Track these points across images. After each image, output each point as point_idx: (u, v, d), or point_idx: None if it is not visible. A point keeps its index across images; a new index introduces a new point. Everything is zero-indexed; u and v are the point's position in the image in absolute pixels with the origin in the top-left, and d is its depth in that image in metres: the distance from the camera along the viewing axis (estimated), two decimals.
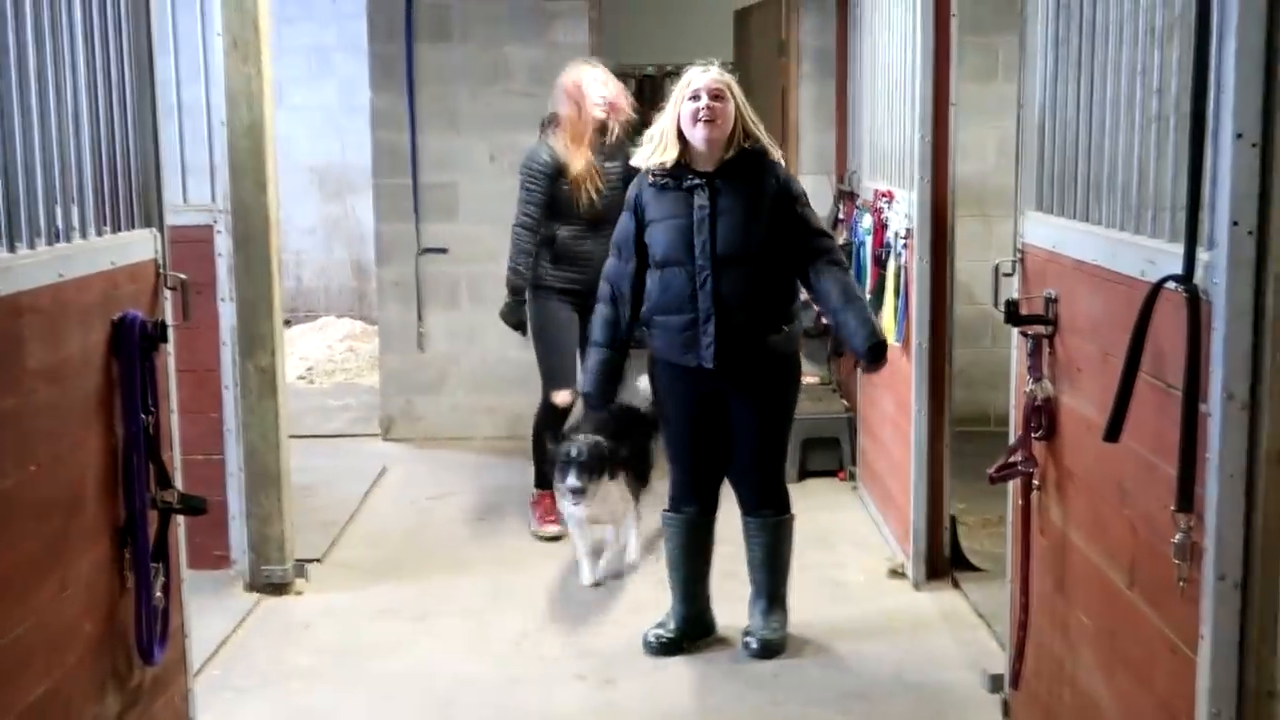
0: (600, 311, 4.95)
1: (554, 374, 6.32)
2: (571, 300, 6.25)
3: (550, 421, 6.24)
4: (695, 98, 4.64)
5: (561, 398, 6.25)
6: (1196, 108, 2.71)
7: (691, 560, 4.99)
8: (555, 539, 6.20)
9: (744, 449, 4.88)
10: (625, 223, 4.91)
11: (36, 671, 3.21)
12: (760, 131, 4.76)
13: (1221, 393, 2.67)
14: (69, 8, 3.47)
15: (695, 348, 4.71)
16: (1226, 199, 2.62)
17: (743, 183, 4.69)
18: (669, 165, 4.70)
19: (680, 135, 4.68)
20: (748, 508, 4.95)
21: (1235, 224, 2.61)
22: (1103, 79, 3.37)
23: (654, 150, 4.73)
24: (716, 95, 4.63)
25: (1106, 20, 3.34)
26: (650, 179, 4.78)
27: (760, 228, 4.68)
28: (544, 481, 6.23)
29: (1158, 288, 2.86)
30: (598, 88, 6.22)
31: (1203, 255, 2.73)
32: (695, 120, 4.62)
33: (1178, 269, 2.78)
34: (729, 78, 4.72)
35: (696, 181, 4.68)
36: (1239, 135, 2.59)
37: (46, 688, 3.25)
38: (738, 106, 4.69)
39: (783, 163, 4.85)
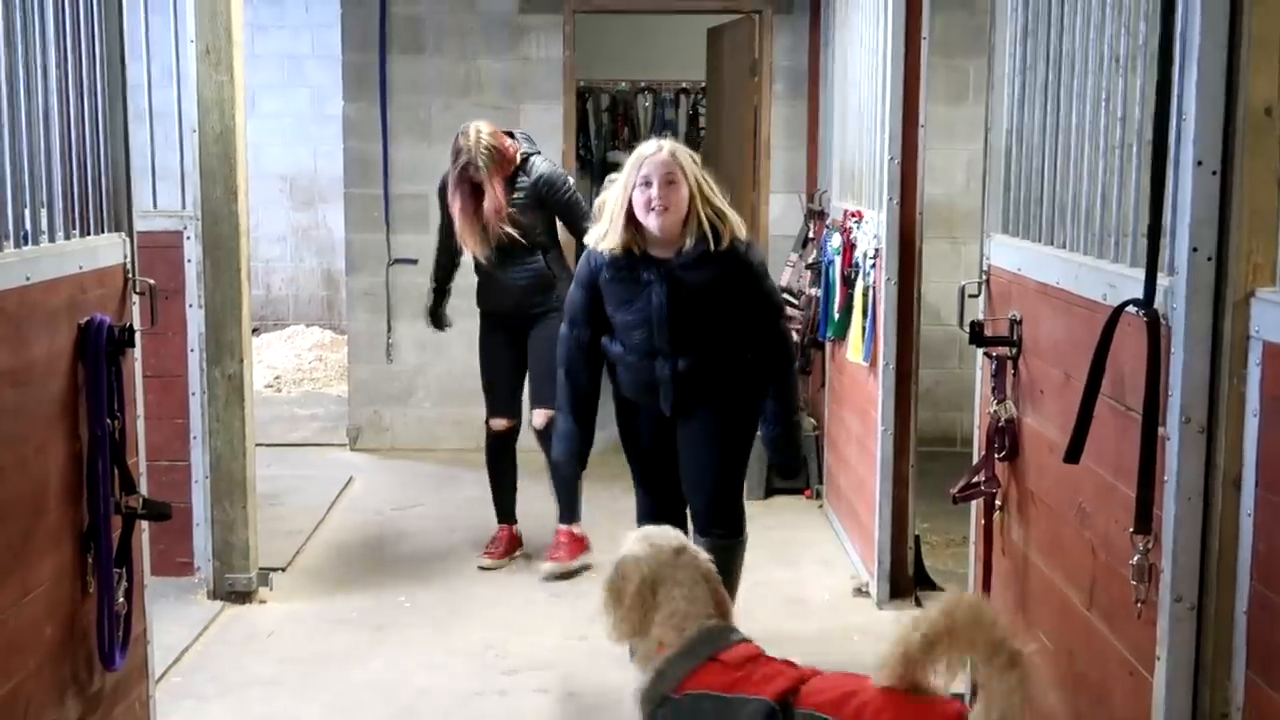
0: (560, 379, 4.79)
1: (488, 401, 6.26)
2: (492, 322, 6.19)
3: (495, 447, 6.23)
4: (646, 183, 4.39)
5: (495, 424, 6.18)
6: (1158, 135, 2.75)
7: None
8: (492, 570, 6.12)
9: (698, 465, 4.71)
10: (578, 297, 4.68)
11: None
12: (720, 204, 4.48)
13: (1180, 416, 2.70)
14: (40, 10, 3.47)
15: (654, 399, 4.63)
16: (1187, 225, 2.66)
17: (704, 268, 4.44)
18: (619, 253, 4.46)
19: (632, 217, 4.43)
20: (700, 526, 4.73)
21: (1195, 250, 2.65)
22: (1068, 105, 3.42)
23: (605, 234, 4.48)
24: (669, 180, 4.37)
25: (1072, 48, 3.39)
26: (606, 271, 4.54)
27: (722, 315, 4.51)
28: (500, 513, 6.27)
29: (1119, 311, 2.89)
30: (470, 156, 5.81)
31: (1163, 281, 2.77)
32: (648, 209, 4.38)
33: (1139, 294, 2.82)
34: (683, 156, 4.44)
35: (651, 276, 4.46)
36: (1199, 163, 2.63)
37: (6, 690, 3.23)
38: (694, 187, 4.42)
39: (742, 234, 4.51)
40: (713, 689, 3.03)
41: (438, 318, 6.51)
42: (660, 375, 4.55)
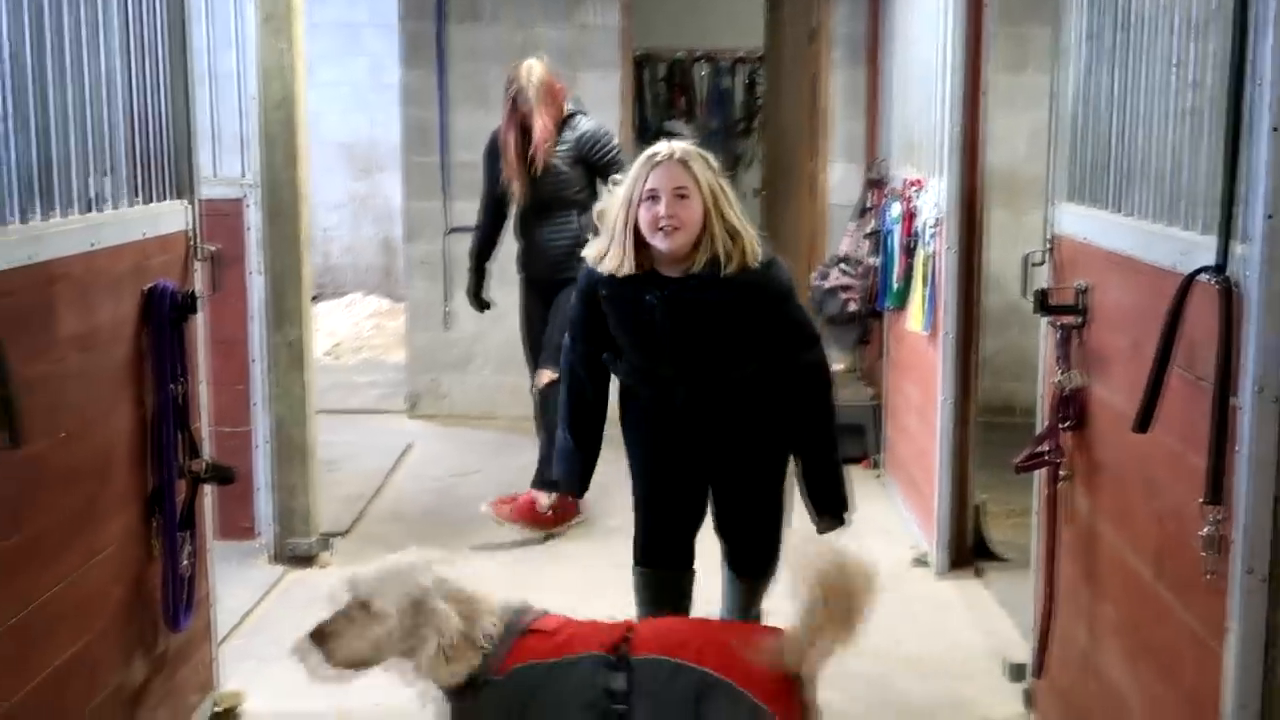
0: (561, 394, 4.30)
1: (531, 361, 6.40)
2: (529, 286, 6.38)
3: (542, 408, 6.13)
4: (653, 197, 3.79)
5: (542, 377, 6.12)
6: (1233, 101, 2.69)
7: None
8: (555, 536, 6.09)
9: (734, 511, 4.17)
10: (577, 311, 4.13)
11: (64, 636, 3.24)
12: (736, 220, 3.86)
13: (1253, 385, 2.64)
14: None
15: (665, 420, 4.09)
16: (1262, 192, 2.60)
17: (715, 290, 3.84)
18: (622, 276, 3.90)
19: (638, 234, 3.84)
20: (738, 567, 4.23)
21: (1270, 217, 2.59)
22: (1138, 70, 3.35)
23: (606, 252, 3.91)
24: (680, 193, 3.78)
25: (1143, 12, 3.32)
26: (603, 287, 3.97)
27: (738, 340, 3.94)
28: (539, 479, 6.08)
29: (1191, 279, 2.84)
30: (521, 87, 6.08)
31: (1237, 248, 2.71)
32: (655, 228, 3.79)
33: (1211, 261, 2.76)
34: (697, 164, 3.84)
35: (655, 298, 3.87)
36: (1275, 128, 2.56)
37: (73, 652, 3.28)
38: (708, 200, 3.82)
39: (756, 255, 3.87)
40: (538, 657, 3.05)
41: (479, 298, 6.62)
42: (668, 402, 4.04)
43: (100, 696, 3.45)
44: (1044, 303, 3.82)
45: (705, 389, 3.98)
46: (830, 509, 3.99)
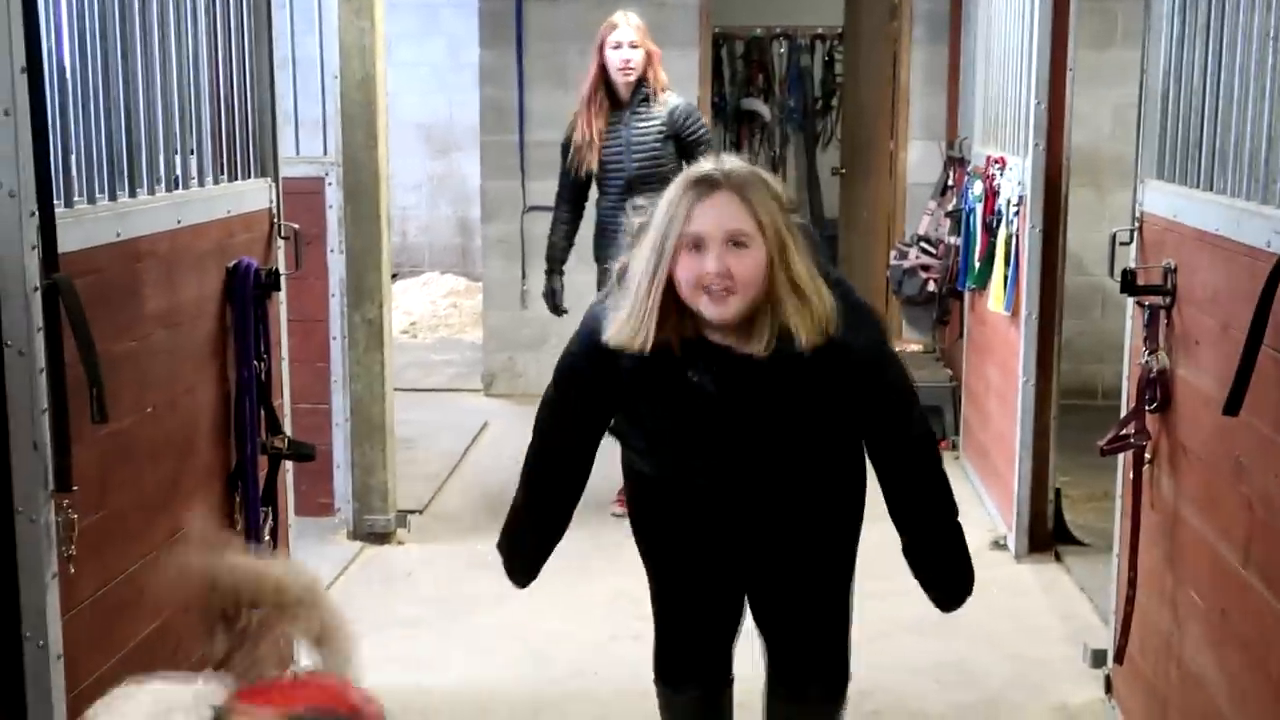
0: (515, 500, 3.32)
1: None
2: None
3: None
4: (697, 245, 2.68)
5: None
6: None
7: None
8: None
9: (787, 613, 3.22)
10: (562, 394, 3.07)
11: (149, 609, 3.28)
12: (805, 276, 2.75)
13: None
14: None
15: (701, 527, 3.15)
16: None
17: (786, 372, 2.80)
18: (648, 352, 2.76)
19: (672, 296, 2.73)
20: (789, 683, 3.28)
21: None
22: (1232, 45, 3.28)
23: (629, 324, 2.75)
24: (736, 240, 2.68)
25: None
26: (627, 359, 2.79)
27: (813, 430, 2.97)
28: None
29: None
30: (614, 44, 5.85)
31: None
32: (700, 289, 2.68)
33: None
34: (759, 195, 2.72)
35: (703, 380, 2.81)
36: None
37: (157, 625, 3.32)
38: (773, 249, 2.71)
39: (833, 319, 2.78)
40: None
41: (557, 303, 6.28)
42: (707, 500, 3.07)
43: (186, 670, 3.48)
44: (1130, 283, 3.76)
45: (762, 486, 3.02)
46: (955, 592, 3.16)
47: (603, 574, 5.36)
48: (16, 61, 2.59)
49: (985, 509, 6.14)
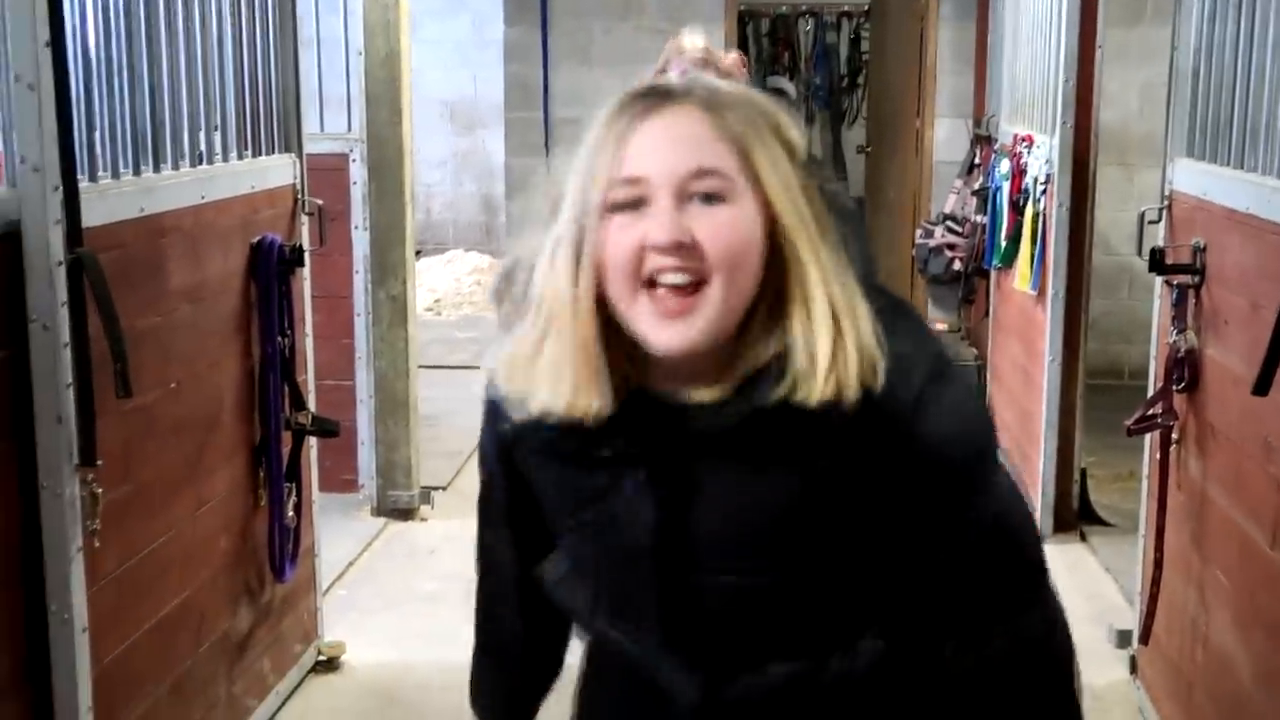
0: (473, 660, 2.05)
1: None
2: None
3: None
4: (634, 202, 1.46)
5: None
6: None
7: None
8: None
9: None
10: (486, 492, 1.90)
11: (173, 583, 3.30)
12: (837, 276, 1.47)
13: None
14: None
15: None
16: None
17: (786, 446, 1.48)
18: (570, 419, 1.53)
19: (603, 314, 1.49)
20: None
21: None
22: (1264, 21, 3.24)
23: (530, 366, 1.56)
24: (706, 191, 1.44)
25: None
26: (528, 436, 1.65)
27: (838, 579, 1.56)
28: None
29: None
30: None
31: None
32: (639, 285, 1.45)
33: None
34: (742, 109, 1.49)
35: (636, 485, 1.55)
36: None
37: (182, 599, 3.34)
38: (785, 214, 1.46)
39: (878, 367, 1.45)
40: None
41: None
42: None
43: (207, 643, 3.51)
44: (1159, 262, 3.74)
45: (751, 692, 1.64)
46: None
47: None
48: (40, 36, 2.59)
49: None
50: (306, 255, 4.01)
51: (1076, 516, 5.57)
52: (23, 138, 2.61)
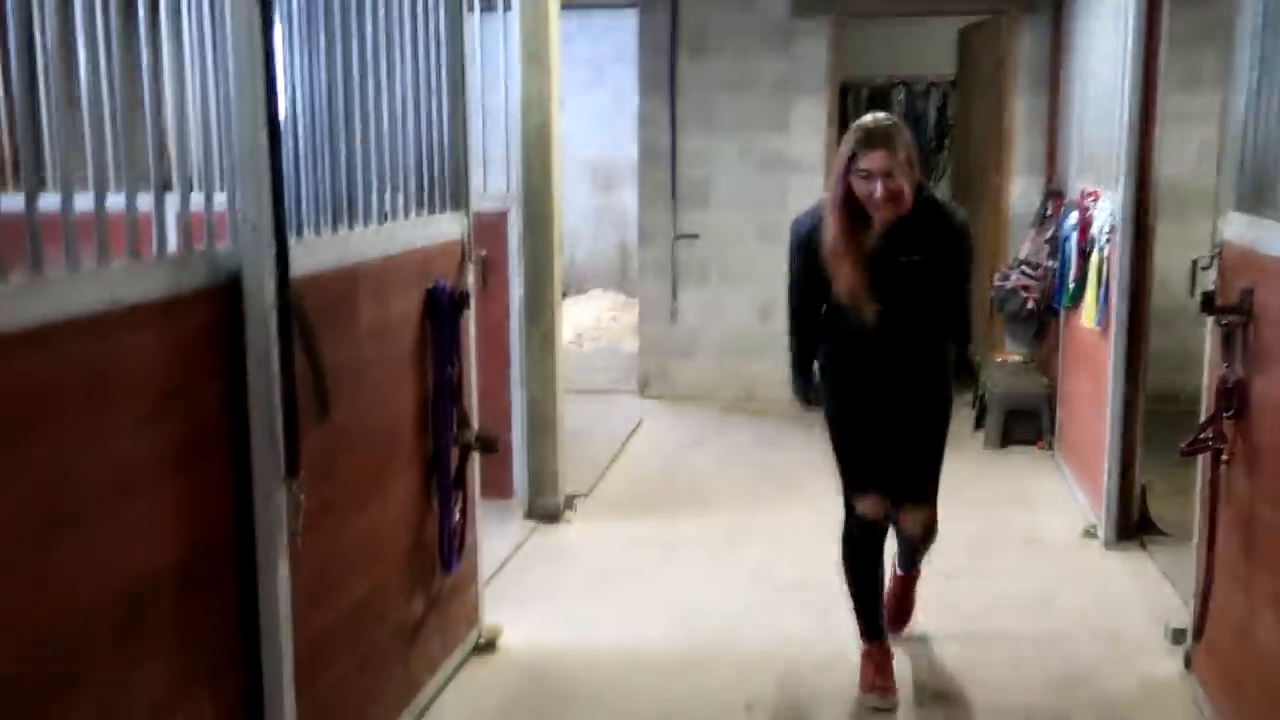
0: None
1: (848, 477, 4.08)
2: (865, 393, 4.01)
3: (858, 542, 4.08)
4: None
5: (863, 505, 4.03)
6: None
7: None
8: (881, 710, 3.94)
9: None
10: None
11: (362, 571, 3.39)
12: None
13: None
14: (399, 31, 3.61)
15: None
16: None
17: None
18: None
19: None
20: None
21: None
22: None
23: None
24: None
25: None
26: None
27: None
28: (869, 628, 4.10)
29: None
30: (869, 161, 3.64)
31: None
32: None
33: None
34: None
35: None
36: None
37: (369, 585, 3.43)
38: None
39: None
40: None
41: (806, 388, 4.14)
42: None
43: (389, 625, 3.59)
44: (1210, 303, 3.67)
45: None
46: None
47: (744, 551, 5.38)
48: (260, 123, 2.70)
49: (1078, 502, 6.00)
50: (472, 299, 4.09)
51: (1137, 527, 5.45)
52: (245, 203, 2.73)
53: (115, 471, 2.35)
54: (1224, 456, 3.70)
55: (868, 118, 3.70)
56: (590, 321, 11.13)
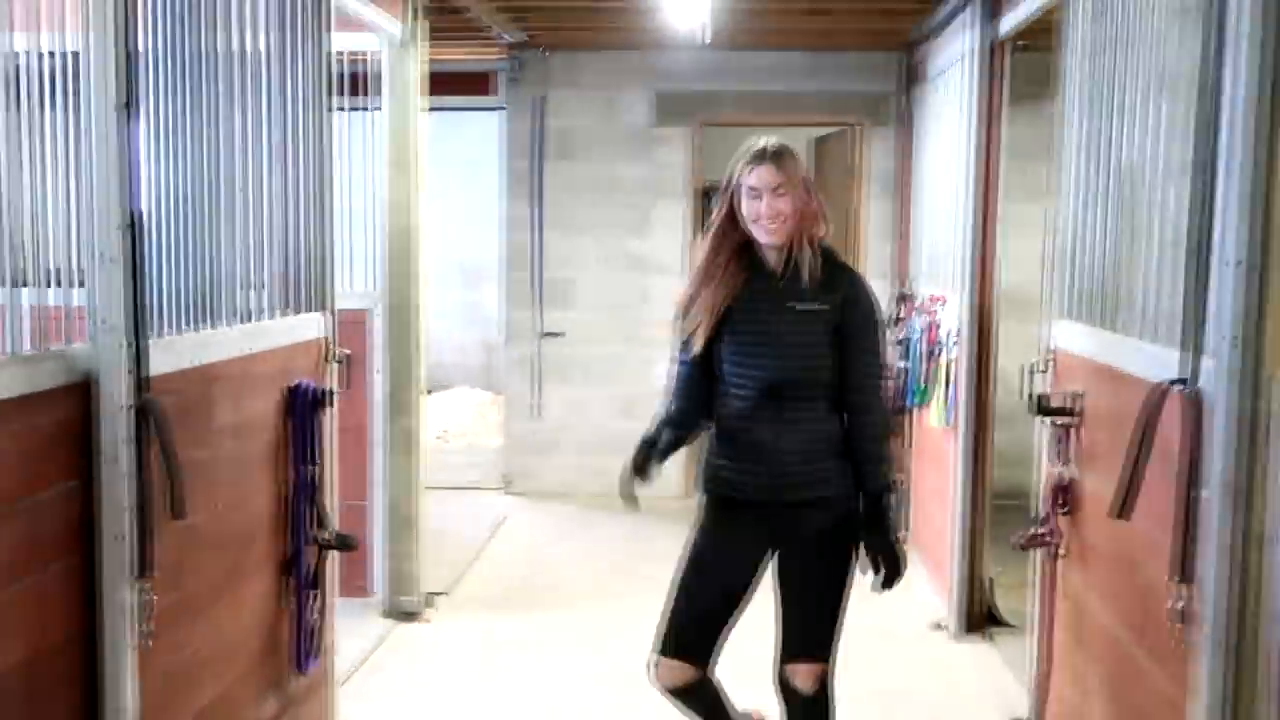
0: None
1: (670, 625, 3.53)
2: (728, 509, 3.42)
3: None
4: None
5: (667, 670, 3.51)
6: (1201, 238, 2.75)
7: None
8: None
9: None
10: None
11: (211, 677, 3.32)
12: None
13: (1219, 479, 2.67)
14: (265, 130, 3.64)
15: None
16: (1227, 315, 2.64)
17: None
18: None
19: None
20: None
21: (1234, 337, 2.63)
22: (1127, 210, 3.39)
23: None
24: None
25: (1130, 161, 3.38)
26: None
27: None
28: None
29: (1164, 389, 2.88)
30: (757, 176, 3.29)
31: (1203, 362, 2.75)
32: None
33: (1182, 373, 2.80)
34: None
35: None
36: (1238, 262, 2.62)
37: (219, 691, 3.36)
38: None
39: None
40: None
41: (643, 465, 3.45)
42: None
43: None
44: (1042, 405, 3.86)
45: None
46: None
47: (611, 647, 5.38)
48: (115, 220, 2.71)
49: (928, 595, 6.16)
50: (334, 396, 4.09)
51: (984, 619, 5.61)
52: (102, 302, 2.72)
53: None
54: (1061, 551, 3.86)
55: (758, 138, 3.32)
56: (456, 418, 11.10)
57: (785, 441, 3.27)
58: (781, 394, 3.25)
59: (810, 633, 3.40)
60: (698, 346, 3.32)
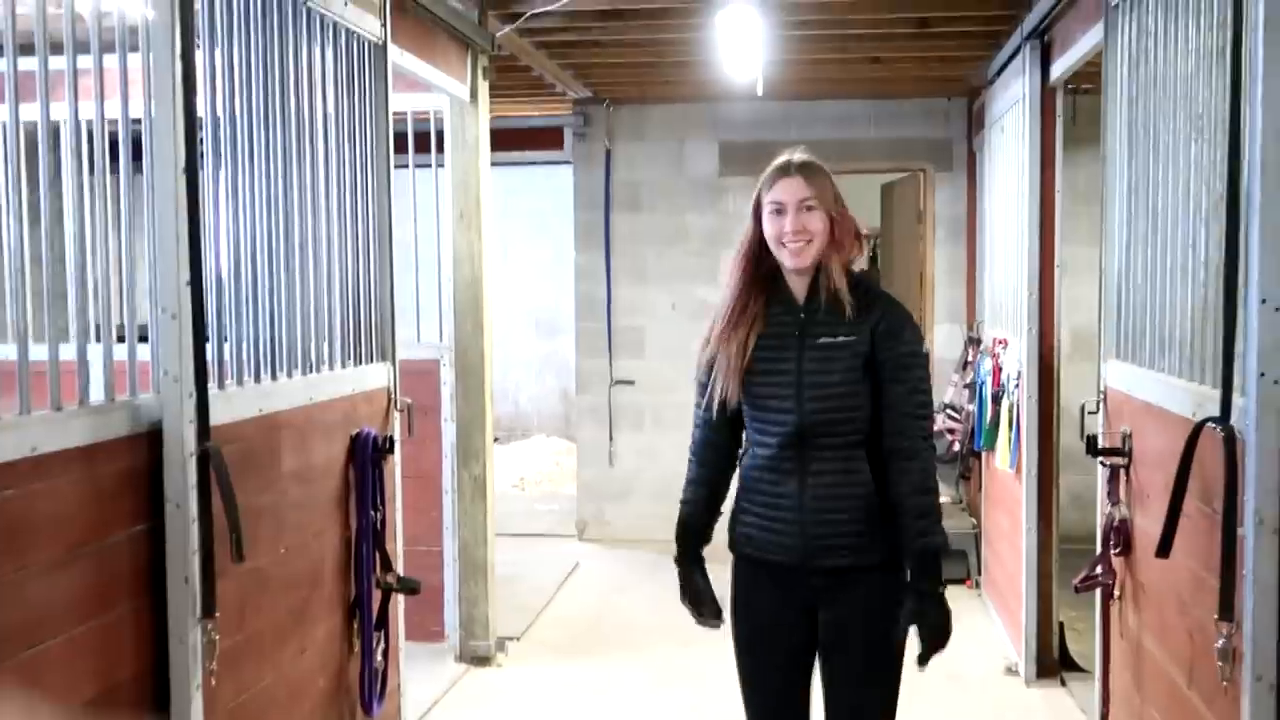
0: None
1: (748, 713, 3.24)
2: (758, 572, 3.09)
3: None
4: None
5: None
6: (1230, 276, 2.77)
7: None
8: None
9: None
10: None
11: (279, 715, 3.43)
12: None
13: (1254, 517, 2.67)
14: (331, 186, 3.79)
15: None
16: (1255, 353, 2.65)
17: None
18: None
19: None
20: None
21: (1262, 374, 2.64)
22: (1165, 250, 3.42)
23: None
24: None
25: (1165, 201, 3.40)
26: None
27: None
28: None
29: (1199, 427, 2.88)
30: (781, 189, 2.95)
31: (1238, 400, 2.76)
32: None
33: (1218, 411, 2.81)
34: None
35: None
36: (1264, 300, 2.63)
37: None
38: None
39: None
40: None
41: (698, 600, 3.27)
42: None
43: None
44: (1094, 446, 3.86)
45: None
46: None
47: (677, 692, 5.42)
48: (182, 276, 2.86)
49: (1001, 639, 6.11)
50: (396, 444, 4.20)
51: (1058, 664, 5.55)
52: (165, 355, 2.87)
53: (29, 613, 2.43)
54: (1116, 592, 3.84)
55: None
56: (534, 465, 11.23)
57: (813, 496, 2.87)
58: (807, 442, 2.86)
59: None
60: (717, 412, 3.02)
